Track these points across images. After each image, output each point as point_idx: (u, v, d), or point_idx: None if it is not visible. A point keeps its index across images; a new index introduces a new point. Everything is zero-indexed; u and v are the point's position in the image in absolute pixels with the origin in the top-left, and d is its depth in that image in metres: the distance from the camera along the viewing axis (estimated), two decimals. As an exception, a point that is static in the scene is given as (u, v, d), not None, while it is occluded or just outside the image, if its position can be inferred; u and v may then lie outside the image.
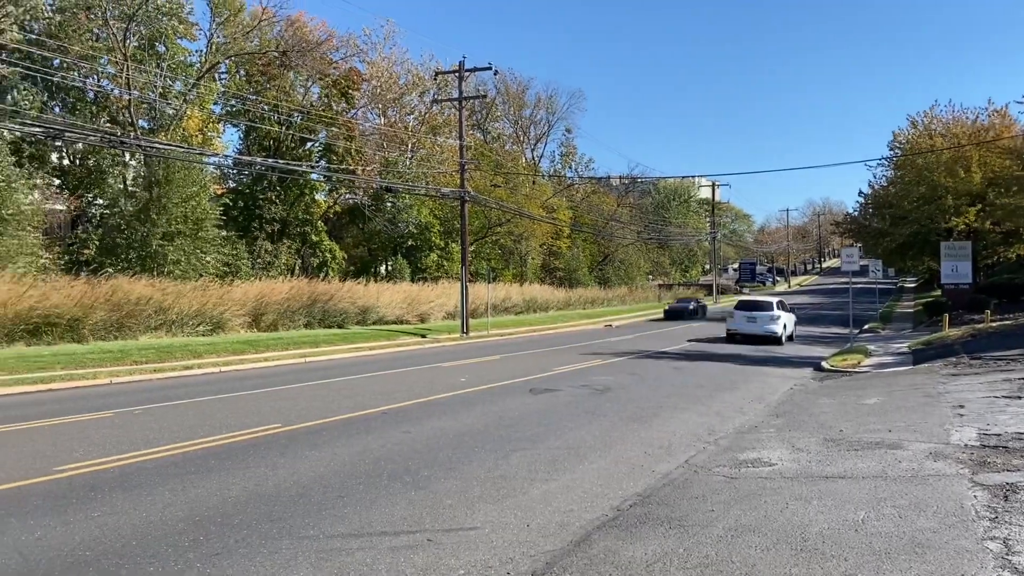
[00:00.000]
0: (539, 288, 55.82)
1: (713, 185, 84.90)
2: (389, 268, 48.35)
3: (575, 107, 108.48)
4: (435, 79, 48.19)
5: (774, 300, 32.71)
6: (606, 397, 14.89)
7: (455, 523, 6.80)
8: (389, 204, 47.49)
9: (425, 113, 52.29)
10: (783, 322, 30.73)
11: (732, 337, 30.63)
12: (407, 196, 45.99)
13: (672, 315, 49.60)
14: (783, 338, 30.35)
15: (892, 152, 50.11)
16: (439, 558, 5.87)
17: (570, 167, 78.12)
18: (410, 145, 50.91)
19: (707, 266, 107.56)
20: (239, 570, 5.61)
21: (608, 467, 9.03)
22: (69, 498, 7.46)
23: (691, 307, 50.82)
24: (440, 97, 48.41)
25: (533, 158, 74.32)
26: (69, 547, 6.08)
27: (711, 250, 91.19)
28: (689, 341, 30.62)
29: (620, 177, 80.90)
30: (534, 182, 64.88)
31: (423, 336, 31.85)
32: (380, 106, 50.84)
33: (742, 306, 32.13)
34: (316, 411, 12.84)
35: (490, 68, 37.39)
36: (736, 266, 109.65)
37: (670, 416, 12.83)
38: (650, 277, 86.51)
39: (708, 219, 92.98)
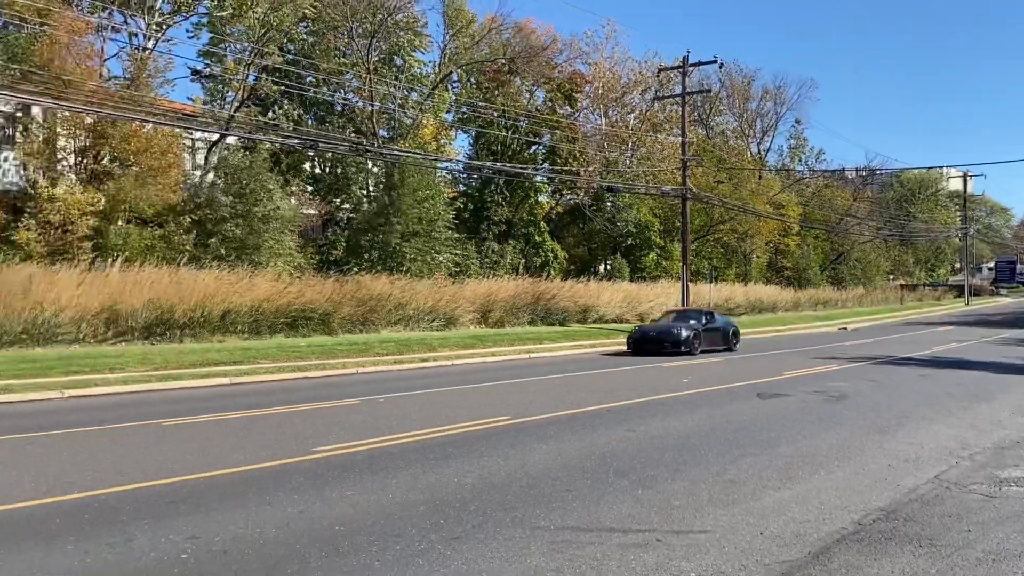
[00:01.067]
0: (764, 288, 53.66)
1: (965, 176, 77.20)
2: (608, 267, 48.56)
3: (806, 97, 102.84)
4: (657, 76, 47.69)
5: None
6: (842, 404, 14.02)
7: (684, 525, 6.72)
8: (609, 204, 47.71)
9: (646, 111, 51.85)
10: None
11: None
12: (627, 195, 45.93)
13: (641, 346, 25.02)
14: None
15: None
16: (669, 559, 5.83)
17: (800, 160, 74.28)
18: (630, 144, 50.73)
19: (957, 264, 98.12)
20: (476, 555, 5.90)
21: (847, 478, 8.51)
22: (325, 477, 8.22)
23: (682, 331, 24.77)
24: (662, 94, 47.83)
25: (759, 152, 71.30)
26: (327, 522, 6.70)
27: (962, 247, 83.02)
28: (938, 346, 28.15)
29: (856, 169, 75.47)
30: (760, 177, 62.37)
31: (644, 335, 31.65)
32: (602, 106, 51.06)
33: None
34: (541, 405, 13.20)
35: (715, 62, 36.46)
36: (992, 265, 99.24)
37: (916, 427, 11.86)
38: (891, 277, 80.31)
39: (959, 213, 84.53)
